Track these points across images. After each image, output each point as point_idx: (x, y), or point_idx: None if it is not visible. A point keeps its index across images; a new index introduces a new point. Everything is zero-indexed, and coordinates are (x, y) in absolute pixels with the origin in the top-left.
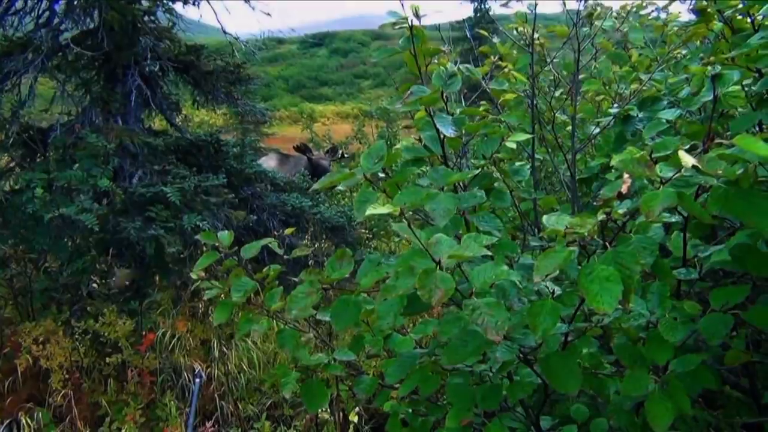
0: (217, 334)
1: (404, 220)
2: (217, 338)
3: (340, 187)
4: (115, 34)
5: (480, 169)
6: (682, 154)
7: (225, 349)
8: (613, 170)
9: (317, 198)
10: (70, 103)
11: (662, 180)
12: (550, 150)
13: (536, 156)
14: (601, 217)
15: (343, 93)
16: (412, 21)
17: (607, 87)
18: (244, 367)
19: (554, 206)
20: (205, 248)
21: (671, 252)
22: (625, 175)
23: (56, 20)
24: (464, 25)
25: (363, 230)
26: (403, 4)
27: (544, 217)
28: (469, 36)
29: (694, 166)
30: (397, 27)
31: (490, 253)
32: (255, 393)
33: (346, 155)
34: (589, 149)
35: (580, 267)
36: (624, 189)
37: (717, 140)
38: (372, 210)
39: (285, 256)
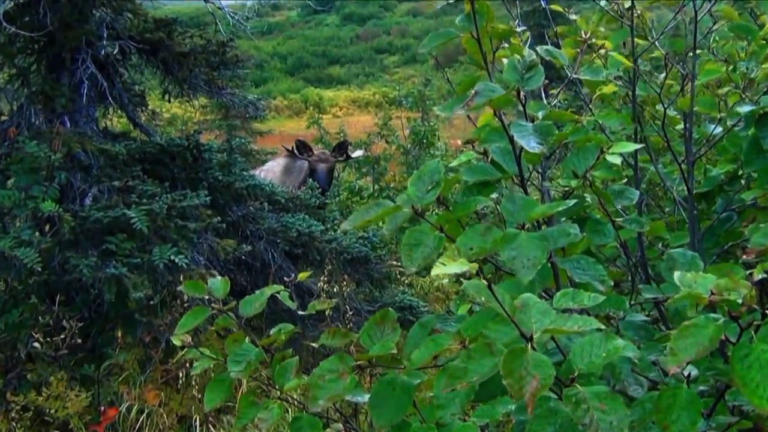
0: (200, 407)
1: (482, 279)
2: (201, 413)
3: (385, 231)
4: (61, 7)
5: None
6: None
7: (212, 428)
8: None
9: (331, 220)
10: (3, 99)
11: None
12: (654, 156)
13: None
14: (760, 275)
15: (360, 74)
16: None
17: (729, 69)
18: None
19: (662, 234)
20: (185, 294)
21: None
22: None
23: None
24: None
25: (394, 261)
26: None
27: (676, 275)
28: None
29: None
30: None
31: (602, 326)
32: None
33: (362, 152)
34: (709, 153)
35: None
36: None
37: None
38: (441, 269)
39: (299, 312)
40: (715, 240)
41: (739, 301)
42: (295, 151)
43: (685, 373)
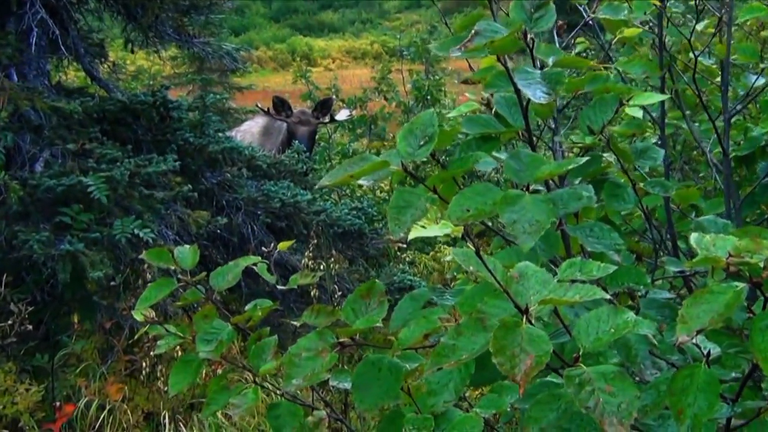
0: (169, 403)
1: (469, 243)
2: (170, 410)
3: (362, 182)
4: None
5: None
6: None
7: (182, 427)
8: None
9: (320, 188)
10: None
11: None
12: (688, 113)
13: (666, 122)
14: None
15: (356, 20)
16: None
17: None
18: None
19: (696, 202)
20: (150, 272)
21: None
22: None
23: None
24: None
25: (392, 236)
26: None
27: (693, 236)
28: None
29: None
30: None
31: (608, 296)
32: None
33: (348, 113)
34: (750, 109)
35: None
36: None
37: None
38: (419, 231)
39: (278, 287)
40: (756, 209)
41: (761, 264)
42: (272, 111)
43: (704, 350)
